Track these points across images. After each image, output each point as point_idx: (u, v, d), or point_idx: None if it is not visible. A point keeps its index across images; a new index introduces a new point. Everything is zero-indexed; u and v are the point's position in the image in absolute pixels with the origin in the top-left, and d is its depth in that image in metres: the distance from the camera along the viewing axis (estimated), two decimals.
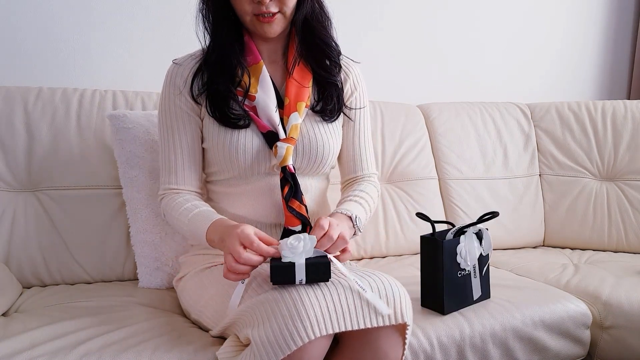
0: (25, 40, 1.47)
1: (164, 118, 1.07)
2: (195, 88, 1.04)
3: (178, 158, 1.06)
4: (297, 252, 0.81)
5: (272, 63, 1.09)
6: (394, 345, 0.86)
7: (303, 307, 0.77)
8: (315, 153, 1.06)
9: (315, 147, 1.06)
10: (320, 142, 1.07)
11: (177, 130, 1.06)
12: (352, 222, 1.02)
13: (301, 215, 1.00)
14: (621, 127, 1.77)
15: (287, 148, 1.00)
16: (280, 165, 1.01)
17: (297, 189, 1.01)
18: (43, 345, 0.87)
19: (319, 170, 1.10)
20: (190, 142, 1.07)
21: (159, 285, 1.26)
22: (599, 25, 2.23)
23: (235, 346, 0.86)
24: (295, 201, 1.00)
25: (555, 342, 1.14)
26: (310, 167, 1.08)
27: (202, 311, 0.99)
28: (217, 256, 1.06)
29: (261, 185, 1.05)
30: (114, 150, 1.28)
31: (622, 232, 1.68)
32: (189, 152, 1.07)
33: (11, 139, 1.28)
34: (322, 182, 1.14)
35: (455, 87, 2.03)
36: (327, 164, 1.10)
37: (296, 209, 1.00)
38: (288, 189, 1.00)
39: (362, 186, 1.13)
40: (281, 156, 1.00)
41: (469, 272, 1.12)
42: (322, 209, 1.15)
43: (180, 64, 1.08)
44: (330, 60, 1.09)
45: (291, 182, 1.01)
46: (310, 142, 1.06)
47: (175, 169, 1.07)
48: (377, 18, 1.88)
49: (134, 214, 1.26)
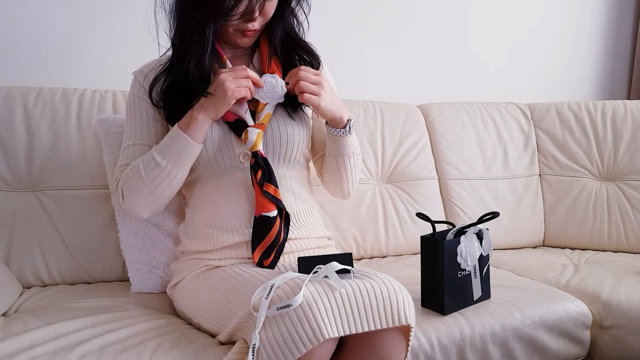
0: (25, 40, 1.47)
1: (129, 109, 1.09)
2: (155, 92, 1.05)
3: (138, 143, 1.07)
4: (275, 93, 1.00)
5: (235, 58, 1.10)
6: (397, 347, 0.86)
7: (310, 310, 0.77)
8: (279, 141, 1.06)
9: (279, 137, 1.05)
10: (286, 132, 1.06)
11: (141, 117, 1.07)
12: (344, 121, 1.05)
13: (276, 199, 1.00)
14: (621, 127, 1.77)
15: (258, 133, 1.01)
16: (251, 151, 1.00)
17: (272, 173, 1.01)
18: (43, 345, 0.87)
19: (289, 159, 1.09)
20: (153, 129, 1.07)
21: (152, 289, 1.24)
22: (599, 25, 2.23)
23: (244, 353, 0.85)
24: (271, 185, 1.00)
25: (555, 343, 1.14)
26: (278, 156, 1.07)
27: (204, 317, 0.99)
28: (211, 260, 1.05)
29: (231, 181, 1.05)
30: (103, 155, 1.27)
31: (622, 232, 1.68)
32: (149, 138, 1.07)
33: (11, 139, 1.28)
34: (298, 171, 1.12)
35: (455, 87, 2.03)
36: (295, 152, 1.08)
37: (272, 192, 1.00)
38: (261, 173, 1.00)
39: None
40: (252, 141, 1.00)
41: (469, 272, 1.12)
42: (305, 199, 1.12)
43: (142, 69, 1.10)
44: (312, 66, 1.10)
45: (264, 167, 1.00)
46: (274, 131, 1.05)
47: (133, 153, 1.06)
48: (377, 18, 1.88)
49: (122, 218, 1.25)
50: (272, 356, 0.77)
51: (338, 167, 1.13)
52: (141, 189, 1.02)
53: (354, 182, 1.17)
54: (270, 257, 1.00)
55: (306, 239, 1.08)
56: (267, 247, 1.00)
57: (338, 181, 1.16)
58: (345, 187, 1.17)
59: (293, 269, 0.96)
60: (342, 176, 1.14)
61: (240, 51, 1.11)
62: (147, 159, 1.01)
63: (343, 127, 1.07)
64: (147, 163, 1.00)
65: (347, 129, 1.07)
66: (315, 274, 0.85)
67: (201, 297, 1.00)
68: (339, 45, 1.83)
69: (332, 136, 1.08)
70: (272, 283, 0.82)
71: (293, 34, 1.09)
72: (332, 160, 1.13)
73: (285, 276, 0.84)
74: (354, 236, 1.53)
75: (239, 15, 0.95)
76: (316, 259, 0.90)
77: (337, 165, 1.13)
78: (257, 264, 1.00)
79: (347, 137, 1.08)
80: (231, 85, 0.96)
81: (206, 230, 1.05)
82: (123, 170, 1.07)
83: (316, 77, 1.01)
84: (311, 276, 0.84)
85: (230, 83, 0.96)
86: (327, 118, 1.05)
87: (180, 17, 1.00)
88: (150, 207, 1.05)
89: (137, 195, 1.03)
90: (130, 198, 1.04)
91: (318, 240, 1.11)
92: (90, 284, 1.29)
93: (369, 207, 1.56)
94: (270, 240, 0.99)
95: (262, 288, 0.84)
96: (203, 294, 1.00)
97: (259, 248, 1.00)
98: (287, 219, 1.02)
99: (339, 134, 1.07)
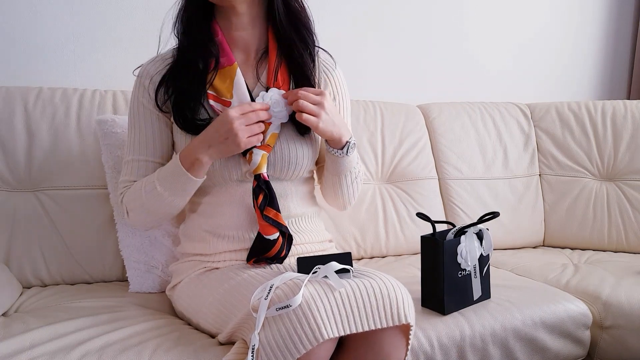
0: (25, 40, 1.47)
1: (132, 118, 1.06)
2: (161, 94, 1.02)
3: (141, 159, 1.05)
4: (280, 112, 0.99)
5: (243, 64, 1.06)
6: (397, 346, 0.86)
7: (310, 311, 0.77)
8: (287, 163, 1.03)
9: (288, 158, 1.03)
10: (294, 153, 1.03)
11: (145, 129, 1.05)
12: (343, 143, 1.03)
13: (278, 224, 0.97)
14: (621, 127, 1.77)
15: (263, 155, 0.98)
16: (254, 173, 0.98)
17: (273, 198, 0.98)
18: (43, 345, 0.87)
19: (295, 177, 1.07)
20: (158, 142, 1.05)
21: (150, 289, 1.24)
22: (599, 25, 2.23)
23: (243, 353, 0.85)
24: (272, 210, 0.98)
25: (555, 343, 1.14)
26: (285, 175, 1.05)
27: (204, 318, 0.98)
28: (210, 262, 1.04)
29: (236, 192, 1.03)
30: (102, 155, 1.26)
31: (622, 232, 1.68)
32: (153, 152, 1.05)
33: (11, 139, 1.27)
34: (302, 185, 1.10)
35: (455, 87, 2.03)
36: (301, 171, 1.06)
37: (272, 217, 0.97)
38: (262, 197, 0.98)
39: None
40: (255, 163, 0.98)
41: (470, 272, 1.12)
42: (308, 210, 1.11)
43: (147, 71, 1.06)
44: (309, 48, 1.06)
45: (266, 191, 0.98)
46: (282, 152, 1.02)
47: (137, 169, 1.05)
48: (377, 18, 1.88)
49: (121, 218, 1.25)
50: (271, 357, 0.77)
51: (334, 184, 1.12)
52: (144, 211, 1.03)
53: (351, 197, 1.16)
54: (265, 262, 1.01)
55: (307, 243, 1.08)
56: (266, 258, 1.00)
57: (334, 195, 1.15)
58: (341, 201, 1.16)
59: (292, 270, 0.96)
60: (337, 192, 1.13)
61: (248, 58, 1.06)
62: (149, 186, 1.00)
63: (341, 148, 1.04)
64: (149, 191, 1.00)
65: (345, 150, 1.04)
66: (314, 274, 0.85)
67: (201, 298, 1.00)
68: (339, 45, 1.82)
69: (330, 155, 1.06)
70: (271, 283, 0.82)
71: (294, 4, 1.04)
72: (329, 176, 1.12)
73: (284, 276, 0.84)
74: (354, 236, 1.53)
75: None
76: (315, 259, 0.90)
77: (332, 182, 1.12)
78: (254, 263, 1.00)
79: (345, 158, 1.06)
80: (244, 136, 0.93)
81: (207, 235, 1.05)
82: (127, 187, 1.06)
83: (317, 98, 0.98)
84: (310, 276, 0.84)
85: (242, 133, 0.93)
86: (326, 137, 1.02)
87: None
88: (154, 224, 1.10)
89: (140, 214, 1.05)
90: (134, 216, 1.06)
91: (319, 245, 1.11)
92: (90, 284, 1.29)
93: (369, 207, 1.56)
94: (270, 257, 0.99)
95: (262, 288, 0.84)
96: (202, 295, 0.99)
97: (257, 259, 1.00)
98: (289, 239, 1.01)
99: (337, 154, 1.05)
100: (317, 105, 0.97)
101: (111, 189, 1.26)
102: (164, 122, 1.06)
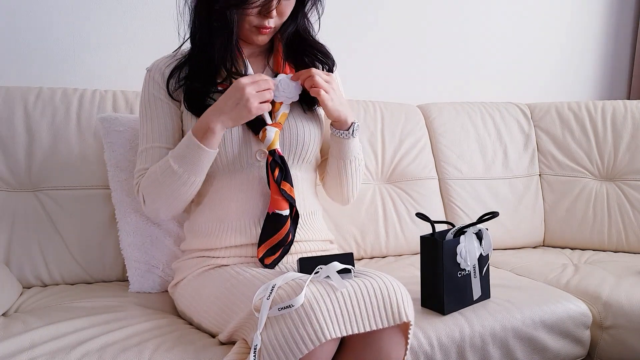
0: (25, 40, 1.47)
1: (144, 110, 1.09)
2: (172, 84, 1.06)
3: (155, 146, 1.07)
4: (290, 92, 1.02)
5: (252, 57, 1.11)
6: (397, 345, 0.87)
7: (312, 311, 0.77)
8: (296, 142, 1.06)
9: (296, 137, 1.06)
10: (301, 131, 1.07)
11: (157, 118, 1.07)
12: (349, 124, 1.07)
13: (291, 198, 1.00)
14: (621, 127, 1.77)
15: (276, 132, 1.01)
16: (269, 149, 1.01)
17: (288, 172, 1.02)
18: (43, 345, 0.87)
19: (302, 159, 1.09)
20: (170, 130, 1.07)
21: (150, 289, 1.24)
22: (599, 25, 2.23)
23: (244, 353, 0.85)
24: (287, 184, 1.01)
25: (555, 342, 1.14)
26: (293, 156, 1.07)
27: (205, 316, 0.99)
28: (213, 258, 1.05)
29: (242, 180, 1.05)
30: (104, 153, 1.27)
31: (622, 232, 1.68)
32: (167, 139, 1.07)
33: (11, 139, 1.28)
34: (308, 173, 1.14)
35: (455, 87, 2.03)
36: (309, 152, 1.09)
37: (287, 191, 1.00)
38: (279, 171, 1.00)
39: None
40: (270, 139, 1.01)
41: (469, 272, 1.12)
42: (311, 201, 1.13)
43: (157, 64, 1.10)
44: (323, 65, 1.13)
45: (281, 165, 1.01)
46: (291, 131, 1.06)
47: (152, 156, 1.07)
48: (377, 18, 1.88)
49: (123, 217, 1.25)
50: (273, 357, 0.77)
51: (339, 170, 1.13)
52: (160, 194, 1.03)
53: (354, 187, 1.18)
54: (275, 255, 1.00)
55: (310, 241, 1.09)
56: (274, 245, 1.00)
57: (338, 185, 1.16)
58: (345, 191, 1.17)
59: (294, 270, 0.96)
60: (342, 180, 1.15)
61: (257, 51, 1.12)
62: (164, 166, 1.01)
63: (347, 130, 1.08)
64: (164, 170, 1.01)
65: (351, 131, 1.08)
66: (316, 274, 0.85)
67: (202, 296, 1.00)
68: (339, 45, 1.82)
69: (335, 137, 1.09)
70: (273, 283, 0.82)
71: (307, 35, 1.11)
72: (333, 162, 1.13)
73: (286, 276, 0.84)
74: (354, 236, 1.53)
75: (258, 4, 0.97)
76: (317, 259, 0.90)
77: (337, 168, 1.13)
78: (260, 259, 1.00)
79: (350, 140, 1.09)
80: (255, 101, 0.95)
81: (213, 227, 1.05)
82: (143, 175, 1.07)
83: (327, 77, 1.03)
84: (312, 276, 0.84)
85: (254, 98, 0.95)
86: (333, 117, 1.05)
87: (200, 9, 1.02)
88: (171, 210, 1.08)
89: (156, 200, 1.05)
90: (151, 203, 1.06)
91: (321, 243, 1.12)
92: (91, 284, 1.29)
93: (369, 207, 1.56)
94: (279, 239, 1.00)
95: (264, 288, 0.84)
96: (204, 294, 1.00)
97: (266, 244, 1.00)
98: (295, 220, 1.03)
99: (342, 136, 1.08)
100: (327, 83, 1.02)
101: (113, 187, 1.26)
102: (175, 111, 1.08)
